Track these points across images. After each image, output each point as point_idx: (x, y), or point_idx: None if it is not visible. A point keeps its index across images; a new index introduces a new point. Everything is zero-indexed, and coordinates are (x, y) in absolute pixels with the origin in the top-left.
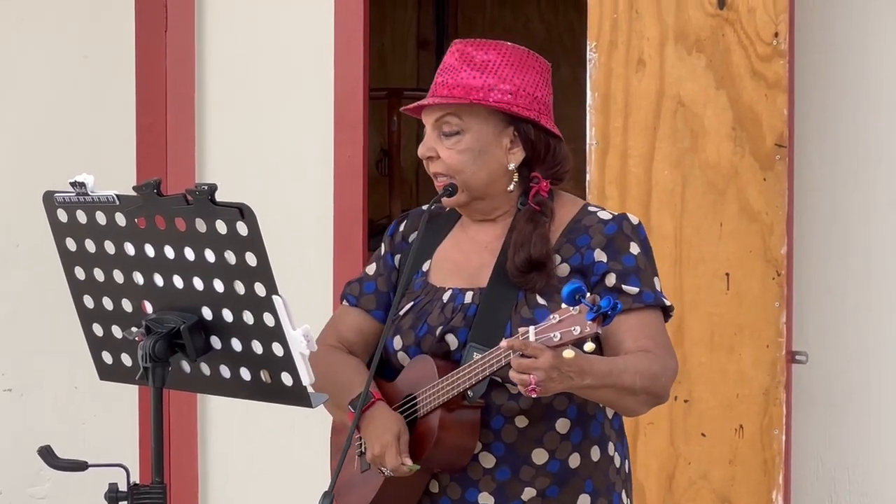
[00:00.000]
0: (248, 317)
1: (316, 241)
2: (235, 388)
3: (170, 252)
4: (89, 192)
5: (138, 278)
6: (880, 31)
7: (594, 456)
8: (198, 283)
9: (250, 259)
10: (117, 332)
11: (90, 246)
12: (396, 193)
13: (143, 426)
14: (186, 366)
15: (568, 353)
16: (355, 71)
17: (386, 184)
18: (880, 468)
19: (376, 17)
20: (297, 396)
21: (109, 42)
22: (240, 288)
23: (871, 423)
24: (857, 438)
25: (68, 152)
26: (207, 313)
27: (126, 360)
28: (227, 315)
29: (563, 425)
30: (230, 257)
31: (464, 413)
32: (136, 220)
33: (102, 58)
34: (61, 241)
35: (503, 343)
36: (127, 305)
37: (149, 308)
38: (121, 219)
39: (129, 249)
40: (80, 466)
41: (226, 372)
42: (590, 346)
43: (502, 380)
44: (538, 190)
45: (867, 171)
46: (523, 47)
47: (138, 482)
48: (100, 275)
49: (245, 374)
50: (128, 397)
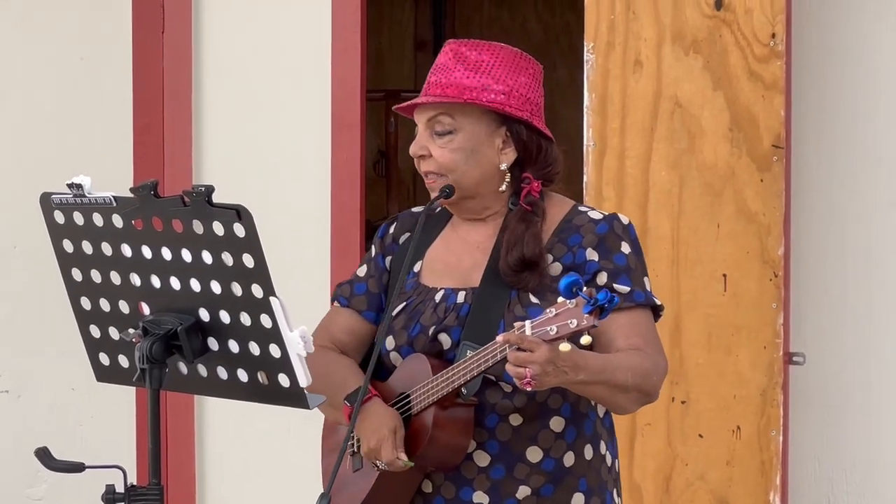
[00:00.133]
0: (245, 318)
1: (313, 242)
2: (232, 390)
3: (167, 253)
4: (86, 194)
5: (135, 280)
6: (877, 32)
7: (587, 454)
8: (195, 285)
9: (247, 260)
10: (114, 333)
11: (87, 247)
12: (394, 194)
13: (140, 428)
14: (183, 367)
15: (564, 346)
16: (352, 72)
17: (383, 185)
18: (878, 469)
19: (373, 18)
20: (295, 398)
21: (106, 43)
22: (237, 289)
23: (869, 425)
24: (854, 439)
25: (65, 154)
26: (204, 315)
27: (123, 361)
28: (225, 316)
29: (557, 423)
30: (227, 259)
31: (458, 411)
32: (133, 222)
33: (99, 59)
34: (58, 243)
35: (499, 337)
36: (124, 307)
37: (146, 309)
38: (118, 220)
39: (126, 251)
40: (78, 468)
41: (223, 373)
42: (586, 339)
43: (496, 378)
44: (529, 190)
45: (864, 172)
46: (516, 49)
47: (135, 483)
48: (97, 276)
49: (242, 375)
50: (125, 399)
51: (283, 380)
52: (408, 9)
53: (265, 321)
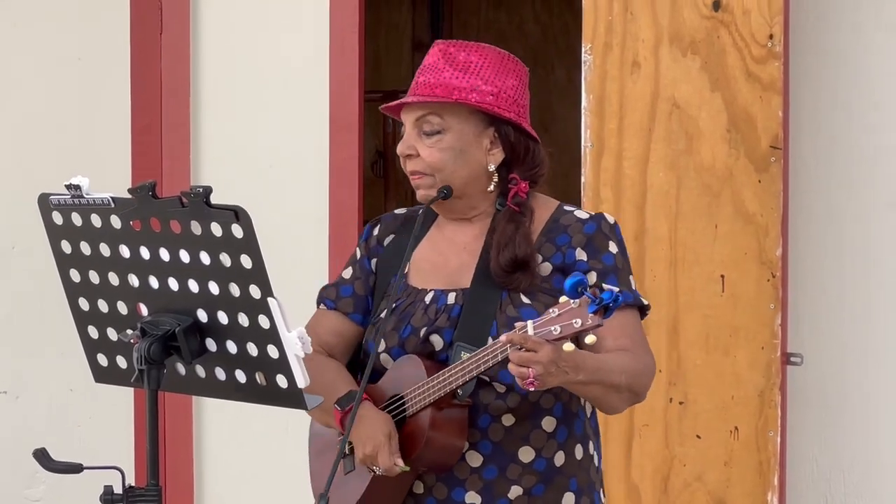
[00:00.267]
0: (243, 319)
1: (311, 243)
2: (230, 391)
3: (165, 254)
4: (84, 195)
5: (133, 280)
6: (874, 34)
7: (577, 454)
8: (193, 286)
9: (245, 261)
10: (112, 334)
11: (85, 248)
12: (392, 195)
13: (138, 428)
14: (182, 368)
15: (568, 346)
16: (350, 73)
17: (381, 185)
18: (875, 470)
19: (371, 20)
20: (293, 398)
21: (104, 44)
22: (235, 290)
23: (867, 425)
24: (852, 440)
25: (63, 155)
26: (203, 315)
27: (121, 362)
28: (223, 317)
29: (549, 423)
30: (225, 259)
31: (453, 412)
32: (131, 223)
33: (97, 60)
34: (56, 244)
35: (503, 337)
36: (122, 308)
37: (144, 310)
38: (116, 221)
39: (125, 252)
40: (76, 469)
41: (221, 374)
42: (591, 338)
43: (490, 379)
44: (517, 191)
45: (862, 172)
46: (503, 50)
47: (133, 484)
48: (95, 277)
49: (240, 376)
50: (123, 400)
51: (281, 380)
52: (405, 10)
53: (263, 322)
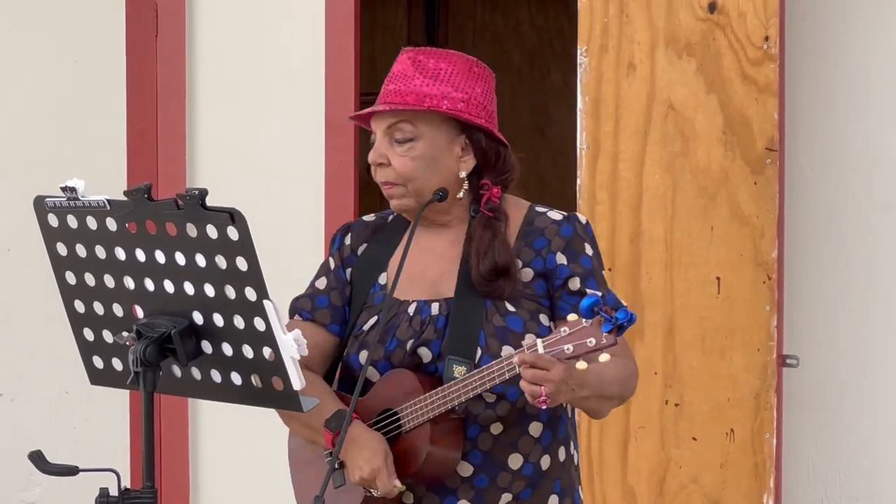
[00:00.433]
0: (238, 321)
1: (307, 245)
2: (226, 393)
3: (160, 257)
4: (80, 197)
5: (129, 283)
6: (870, 35)
7: (561, 456)
8: (188, 288)
9: (241, 264)
10: (108, 336)
11: (81, 251)
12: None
13: (134, 431)
14: (177, 370)
15: (581, 364)
16: (346, 75)
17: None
18: (871, 472)
19: (367, 22)
20: (288, 401)
21: (100, 47)
22: (230, 292)
23: (863, 427)
24: (848, 442)
25: (59, 157)
26: (198, 318)
27: (117, 364)
28: (218, 319)
29: (536, 428)
30: (221, 262)
31: (449, 426)
32: (126, 225)
33: (93, 62)
34: (52, 246)
35: (515, 358)
36: (118, 310)
37: (139, 312)
38: (112, 223)
39: (120, 254)
40: (71, 471)
41: (217, 376)
42: (605, 356)
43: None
44: (490, 196)
45: (858, 174)
46: (471, 56)
47: (129, 487)
48: (91, 279)
49: (236, 378)
50: (119, 402)
51: (277, 382)
52: (401, 13)
53: (259, 324)
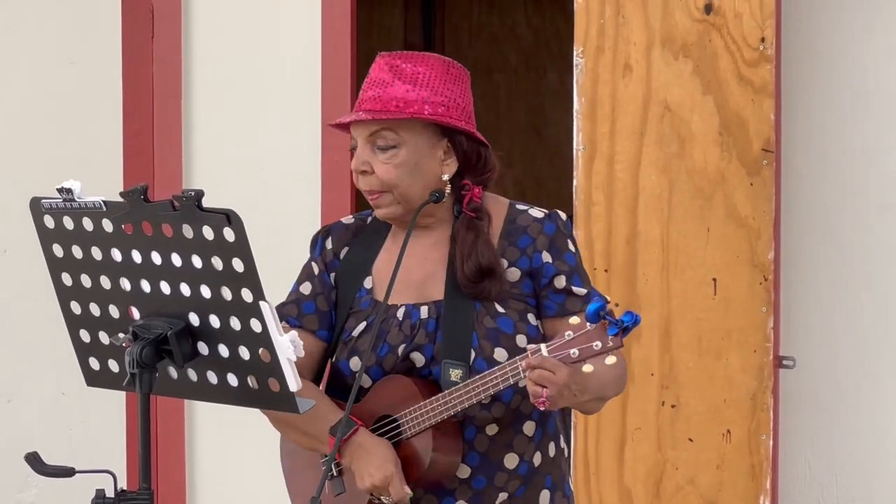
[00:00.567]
0: (235, 322)
1: (303, 246)
2: (223, 394)
3: (157, 258)
4: (76, 198)
5: (125, 284)
6: (865, 35)
7: (551, 452)
8: (185, 289)
9: (237, 265)
10: (104, 338)
11: (77, 252)
12: None
13: (130, 432)
14: (174, 372)
15: (587, 367)
16: (342, 75)
17: None
18: (868, 473)
19: (363, 22)
20: (285, 402)
21: (96, 48)
22: (227, 294)
23: (859, 429)
24: (844, 443)
25: (55, 158)
26: (195, 319)
27: (113, 366)
28: (215, 321)
29: (529, 427)
30: (217, 263)
31: (449, 430)
32: (123, 226)
33: (89, 63)
34: (48, 247)
35: (523, 363)
36: (114, 311)
37: (136, 314)
38: (108, 225)
39: (116, 255)
40: (68, 472)
41: (213, 378)
42: (611, 359)
43: None
44: (471, 196)
45: (854, 175)
46: (445, 57)
47: (125, 488)
48: (87, 281)
49: (232, 379)
50: (115, 403)
51: (274, 384)
52: (397, 13)
53: (255, 325)
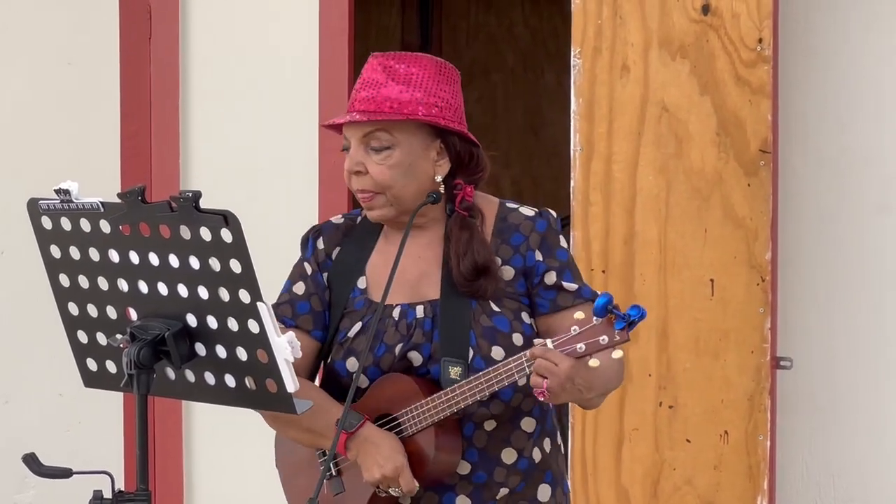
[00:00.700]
0: (232, 323)
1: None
2: (220, 395)
3: (154, 259)
4: (74, 200)
5: (123, 285)
6: (863, 36)
7: (547, 447)
8: (182, 290)
9: (235, 266)
10: (102, 339)
11: (74, 253)
12: None
13: (128, 433)
14: (171, 373)
15: (593, 362)
16: (340, 76)
17: None
18: (865, 474)
19: (361, 22)
20: (282, 403)
21: (94, 49)
22: (224, 295)
23: (857, 429)
24: (842, 444)
25: (52, 159)
26: (192, 320)
27: (111, 367)
28: (212, 322)
29: (528, 424)
30: (214, 264)
31: (450, 428)
32: (120, 228)
33: (87, 64)
34: (45, 249)
35: (527, 353)
36: (111, 312)
37: (133, 315)
38: (105, 226)
39: (114, 256)
40: (65, 473)
41: (210, 379)
42: (618, 353)
43: None
44: (464, 196)
45: (851, 176)
46: (437, 57)
47: (123, 489)
48: (84, 282)
49: (230, 380)
50: (113, 404)
51: (271, 385)
52: (395, 14)
53: (252, 326)
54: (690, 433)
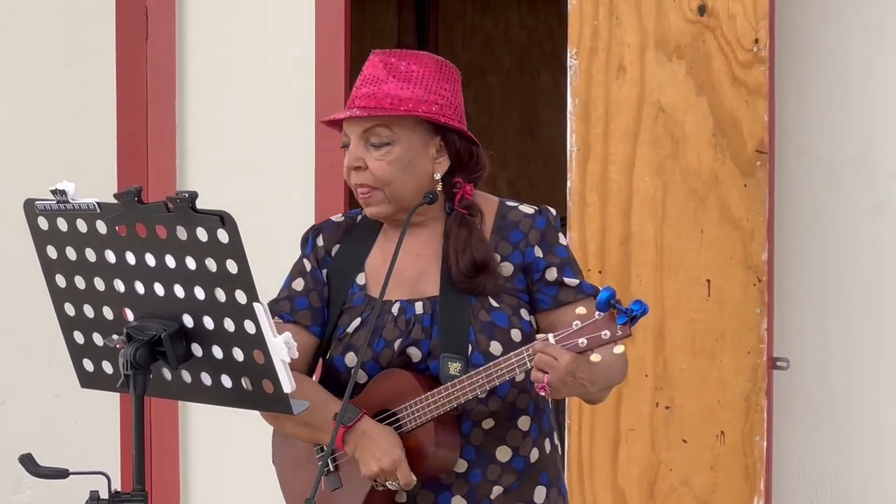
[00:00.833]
0: (229, 324)
1: (297, 247)
2: (217, 396)
3: (151, 259)
4: (70, 200)
5: (119, 286)
6: (860, 37)
7: (546, 448)
8: (179, 291)
9: (231, 266)
10: (98, 339)
11: (71, 253)
12: None
13: (124, 434)
14: (167, 373)
15: (595, 357)
16: (336, 76)
17: None
18: (861, 474)
19: (357, 23)
20: (279, 403)
21: (90, 49)
22: (221, 295)
23: (853, 429)
24: (838, 444)
25: (49, 160)
26: (188, 321)
27: (107, 367)
28: (209, 322)
29: (524, 422)
30: (211, 265)
31: (449, 424)
32: (116, 228)
33: (83, 65)
34: (42, 249)
35: (529, 349)
36: (108, 313)
37: (130, 315)
38: (102, 226)
39: (110, 257)
40: (62, 474)
41: (207, 379)
42: (619, 348)
43: None
44: (463, 194)
45: (847, 177)
46: (438, 56)
47: (120, 490)
48: (81, 282)
49: (226, 381)
50: (109, 405)
51: (268, 385)
52: (391, 14)
53: (249, 327)
54: (687, 434)
